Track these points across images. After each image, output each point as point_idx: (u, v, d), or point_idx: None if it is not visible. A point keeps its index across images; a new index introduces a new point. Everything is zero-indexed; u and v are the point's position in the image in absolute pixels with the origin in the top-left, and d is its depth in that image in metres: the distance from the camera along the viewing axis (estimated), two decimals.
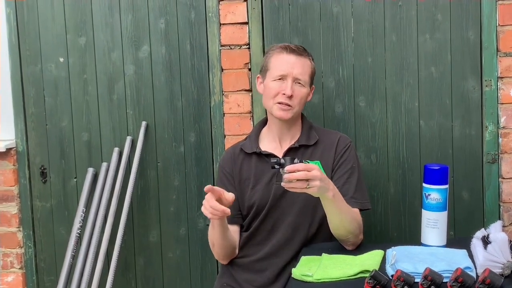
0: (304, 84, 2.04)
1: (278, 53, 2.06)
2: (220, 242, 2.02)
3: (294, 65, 2.03)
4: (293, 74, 2.02)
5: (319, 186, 1.73)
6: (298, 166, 1.71)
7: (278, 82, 2.03)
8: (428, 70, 2.40)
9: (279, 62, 2.04)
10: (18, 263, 2.82)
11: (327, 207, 1.86)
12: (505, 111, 2.33)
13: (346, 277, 1.70)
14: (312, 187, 1.73)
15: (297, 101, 2.03)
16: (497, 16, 2.30)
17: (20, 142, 2.77)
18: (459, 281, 1.51)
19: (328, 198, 1.81)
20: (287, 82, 2.02)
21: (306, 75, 2.05)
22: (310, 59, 2.09)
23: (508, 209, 2.35)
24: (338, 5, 2.44)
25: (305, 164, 1.73)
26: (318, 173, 1.73)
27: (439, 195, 1.94)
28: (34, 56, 2.73)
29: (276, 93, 2.03)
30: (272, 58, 2.07)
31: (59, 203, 2.78)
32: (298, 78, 2.03)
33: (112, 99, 2.68)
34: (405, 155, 2.45)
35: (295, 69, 2.02)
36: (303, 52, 2.07)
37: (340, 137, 2.11)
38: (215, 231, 1.98)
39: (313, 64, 2.10)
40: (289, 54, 2.04)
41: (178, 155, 2.65)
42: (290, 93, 2.00)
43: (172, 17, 2.60)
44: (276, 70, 2.04)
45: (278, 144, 2.11)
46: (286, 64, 2.03)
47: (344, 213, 1.89)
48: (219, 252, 2.07)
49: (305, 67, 2.05)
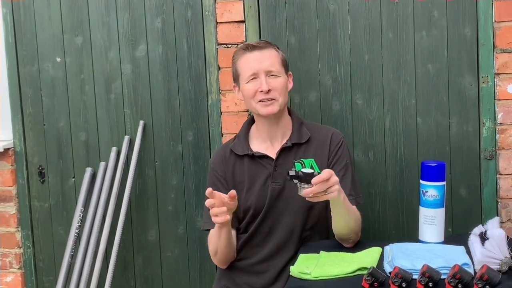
0: (278, 74, 2.02)
1: (242, 55, 2.05)
2: (225, 250, 2.01)
3: (261, 59, 2.01)
4: (263, 69, 2.00)
5: (338, 190, 1.74)
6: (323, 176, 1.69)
7: (252, 82, 2.02)
8: (425, 67, 2.40)
9: (246, 63, 2.03)
10: (17, 263, 2.82)
11: (337, 208, 1.85)
12: (502, 108, 2.33)
13: (344, 275, 1.70)
14: (331, 192, 1.72)
15: (277, 92, 2.01)
16: (494, 12, 2.30)
17: (17, 142, 2.76)
18: (456, 277, 1.51)
19: (340, 200, 1.81)
20: (261, 78, 2.00)
21: (276, 65, 2.03)
22: (275, 49, 2.07)
23: (506, 205, 2.36)
24: (335, 2, 2.44)
25: (327, 173, 1.70)
26: (336, 178, 1.72)
27: (436, 192, 1.95)
28: (31, 56, 2.72)
29: (254, 92, 2.01)
30: (238, 62, 2.06)
31: (57, 203, 2.78)
32: (270, 70, 2.01)
33: (110, 99, 2.68)
34: (403, 152, 2.45)
35: (263, 63, 2.01)
36: (265, 45, 2.06)
37: (332, 133, 2.10)
38: (221, 239, 1.96)
39: (281, 52, 2.08)
40: (252, 51, 2.02)
41: (176, 154, 2.65)
42: (267, 88, 1.99)
43: (169, 16, 2.60)
44: (246, 71, 2.02)
45: (269, 144, 2.09)
46: (253, 62, 2.01)
47: (351, 213, 1.91)
48: (221, 259, 2.05)
49: (272, 58, 2.03)
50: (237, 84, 2.10)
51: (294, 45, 2.48)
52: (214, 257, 2.06)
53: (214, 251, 2.04)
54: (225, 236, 1.95)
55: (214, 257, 2.06)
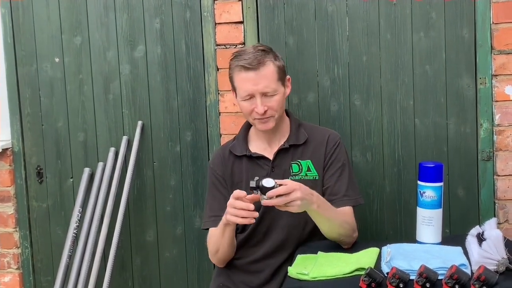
0: (274, 93, 1.99)
1: (238, 72, 1.99)
2: (227, 249, 2.01)
3: (256, 81, 1.96)
4: (258, 90, 1.96)
5: (300, 205, 1.73)
6: (279, 191, 1.70)
7: (248, 101, 2.00)
8: (423, 68, 2.41)
9: (242, 82, 1.99)
10: (15, 263, 2.82)
11: (314, 217, 1.87)
12: (499, 109, 2.34)
13: (342, 275, 1.71)
14: (292, 206, 1.73)
15: (273, 110, 2.00)
16: (491, 14, 2.30)
17: (16, 142, 2.76)
18: (454, 278, 1.51)
19: (313, 210, 1.81)
20: (256, 100, 1.97)
21: (272, 84, 1.98)
22: (272, 61, 1.99)
23: (503, 207, 2.36)
24: (333, 4, 2.45)
25: (284, 188, 1.71)
26: (299, 194, 1.72)
27: (434, 193, 1.95)
28: (30, 56, 2.72)
29: (250, 111, 2.00)
30: (234, 76, 2.02)
31: (55, 203, 2.78)
32: (265, 91, 1.97)
33: (108, 99, 2.68)
34: (400, 153, 2.45)
35: (259, 85, 1.96)
36: (261, 61, 1.96)
37: (329, 134, 2.10)
38: (225, 237, 1.96)
39: (277, 63, 2.00)
40: (247, 72, 1.96)
41: (174, 154, 2.65)
42: (262, 111, 1.97)
43: (167, 16, 2.60)
44: (242, 91, 2.00)
45: (267, 145, 2.10)
46: (248, 83, 1.97)
47: (333, 219, 1.90)
48: (221, 258, 2.05)
49: (268, 77, 1.97)
50: (234, 92, 2.09)
51: (292, 46, 2.48)
52: (214, 256, 2.06)
53: (215, 250, 2.03)
54: (229, 234, 1.95)
55: (214, 256, 2.06)
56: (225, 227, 1.92)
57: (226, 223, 1.89)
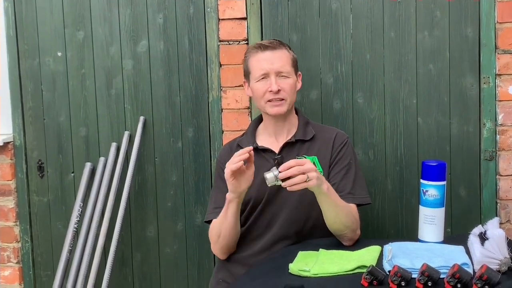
0: (288, 75, 2.06)
1: (254, 54, 2.08)
2: (229, 232, 2.00)
3: (272, 60, 2.04)
4: (274, 69, 2.03)
5: (317, 176, 1.77)
6: (290, 163, 1.75)
7: (262, 82, 2.05)
8: (427, 67, 2.40)
9: (257, 62, 2.06)
10: (15, 257, 2.82)
11: (322, 201, 1.88)
12: (503, 109, 2.33)
13: (343, 272, 1.70)
14: (311, 179, 1.75)
15: (286, 92, 2.05)
16: (496, 13, 2.30)
17: (17, 136, 2.76)
18: (456, 277, 1.51)
19: (323, 191, 1.83)
20: (271, 79, 2.03)
21: (287, 66, 2.06)
22: (287, 49, 2.10)
23: (505, 206, 2.36)
24: (337, 1, 2.44)
25: (296, 160, 1.76)
26: (311, 165, 1.78)
27: (436, 191, 1.95)
28: (32, 50, 2.72)
29: (264, 92, 2.05)
30: (250, 60, 2.09)
31: (56, 198, 2.78)
32: (280, 71, 2.04)
33: (110, 94, 2.68)
34: (403, 152, 2.45)
35: (275, 64, 2.04)
36: (278, 45, 2.08)
37: (337, 133, 2.11)
38: (228, 218, 1.96)
39: (292, 53, 2.11)
40: (264, 51, 2.05)
41: (176, 150, 2.65)
42: (276, 89, 2.02)
43: (171, 12, 2.59)
44: (257, 70, 2.06)
45: (274, 139, 2.12)
46: (264, 62, 2.04)
47: (340, 206, 1.91)
48: (223, 244, 2.03)
49: (283, 59, 2.06)
50: (247, 81, 2.14)
51: (296, 43, 2.47)
52: (215, 244, 2.05)
53: (217, 235, 2.03)
54: (232, 212, 1.94)
55: (216, 244, 2.05)
56: (229, 205, 1.93)
57: (230, 199, 1.91)
